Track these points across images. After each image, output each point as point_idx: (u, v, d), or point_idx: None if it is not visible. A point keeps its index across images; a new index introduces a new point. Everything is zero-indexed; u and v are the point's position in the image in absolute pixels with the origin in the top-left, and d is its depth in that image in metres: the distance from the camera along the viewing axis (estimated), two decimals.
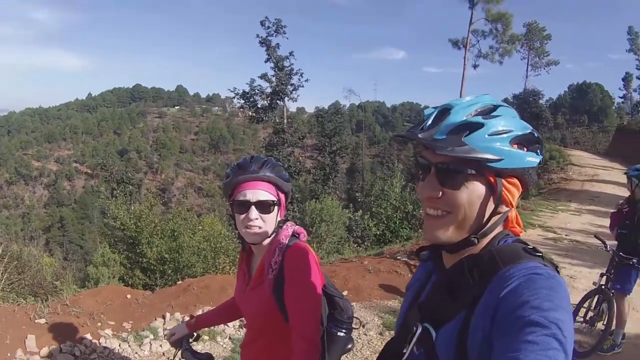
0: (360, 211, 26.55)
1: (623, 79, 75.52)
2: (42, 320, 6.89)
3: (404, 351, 1.64)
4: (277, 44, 41.60)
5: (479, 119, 1.50)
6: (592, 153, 52.51)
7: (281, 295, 2.55)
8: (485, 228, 1.57)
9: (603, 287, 7.71)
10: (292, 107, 56.82)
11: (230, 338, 7.54)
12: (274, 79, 41.77)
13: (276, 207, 2.65)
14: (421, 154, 1.61)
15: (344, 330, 2.74)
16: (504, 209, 1.60)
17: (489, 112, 1.53)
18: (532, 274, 1.39)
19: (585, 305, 7.85)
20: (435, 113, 1.56)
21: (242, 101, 43.58)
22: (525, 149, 1.53)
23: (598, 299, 7.77)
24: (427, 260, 1.87)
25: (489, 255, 1.52)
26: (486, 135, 1.47)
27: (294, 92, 42.50)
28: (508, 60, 49.33)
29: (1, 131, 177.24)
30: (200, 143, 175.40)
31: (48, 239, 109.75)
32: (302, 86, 42.67)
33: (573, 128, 71.36)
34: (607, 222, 8.49)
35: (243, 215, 2.58)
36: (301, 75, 42.44)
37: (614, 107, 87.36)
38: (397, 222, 19.93)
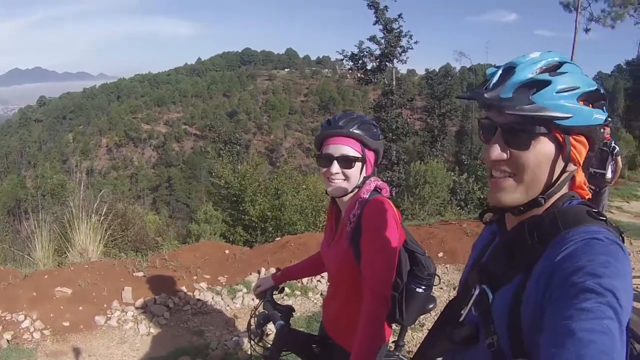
0: (466, 174, 26.36)
1: None
2: (140, 274, 7.19)
3: (462, 312, 1.67)
4: (386, 6, 40.94)
5: (546, 76, 1.45)
6: None
7: (358, 247, 2.59)
8: (553, 188, 1.53)
9: None
10: (401, 69, 56.57)
11: (321, 294, 7.60)
12: (382, 41, 41.38)
13: (359, 163, 2.67)
14: (485, 116, 1.57)
15: (423, 287, 2.75)
16: (572, 167, 1.54)
17: (554, 68, 1.48)
18: (591, 238, 1.34)
19: None
20: (500, 72, 1.51)
21: (351, 63, 43.43)
22: (590, 105, 1.48)
23: None
24: (491, 222, 1.82)
25: (551, 216, 1.49)
26: (554, 93, 1.42)
27: (403, 54, 41.92)
28: (621, 25, 47.46)
29: (111, 97, 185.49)
30: (310, 104, 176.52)
31: (155, 198, 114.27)
32: (412, 48, 42.06)
33: None
34: None
35: (325, 169, 2.65)
36: (410, 37, 41.69)
37: None
38: None
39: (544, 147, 1.46)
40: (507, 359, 1.44)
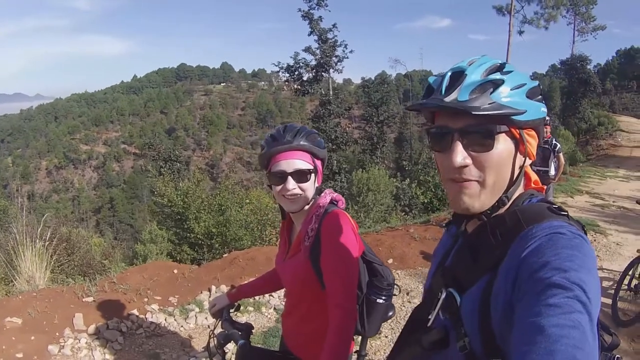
0: (408, 180, 26.50)
1: None
2: (90, 299, 7.00)
3: (429, 317, 1.64)
4: (320, 16, 41.31)
5: (498, 75, 1.47)
6: None
7: (317, 262, 2.56)
8: (514, 186, 1.55)
9: None
10: (338, 78, 56.71)
11: (275, 309, 7.56)
12: (318, 51, 41.61)
13: (313, 175, 2.64)
14: (436, 124, 1.57)
15: (383, 297, 2.76)
16: (527, 162, 1.58)
17: (500, 69, 1.52)
18: (554, 233, 1.35)
19: (630, 272, 7.68)
20: (448, 78, 1.51)
21: (287, 75, 43.55)
22: (535, 100, 1.52)
23: None
24: (451, 225, 1.86)
25: (512, 215, 1.50)
26: (509, 90, 1.46)
27: (338, 63, 42.33)
28: (554, 26, 48.92)
29: (48, 118, 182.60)
30: (248, 118, 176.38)
31: (98, 220, 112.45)
32: (347, 57, 42.54)
33: (622, 94, 69.94)
34: None
35: (280, 186, 2.58)
36: (345, 46, 42.24)
37: None
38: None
39: (504, 146, 1.48)
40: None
